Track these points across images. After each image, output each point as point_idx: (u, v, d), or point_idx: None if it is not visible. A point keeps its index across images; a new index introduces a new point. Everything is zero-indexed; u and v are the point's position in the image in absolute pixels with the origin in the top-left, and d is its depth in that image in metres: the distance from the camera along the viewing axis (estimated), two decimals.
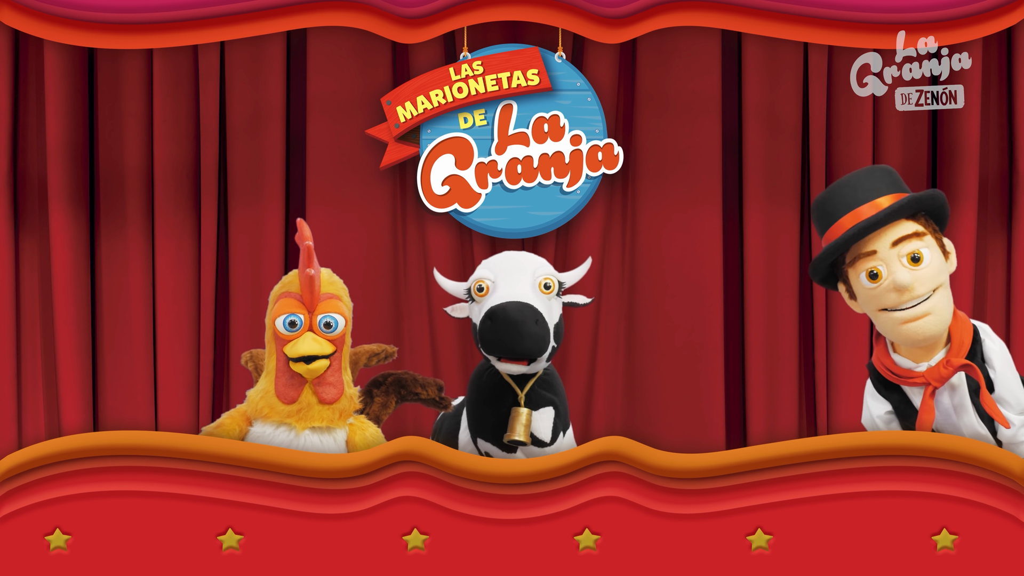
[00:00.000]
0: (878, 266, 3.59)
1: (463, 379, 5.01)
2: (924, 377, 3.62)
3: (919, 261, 3.57)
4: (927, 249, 3.58)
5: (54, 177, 4.96)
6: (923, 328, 3.58)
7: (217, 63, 5.03)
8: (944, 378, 3.60)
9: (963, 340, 3.62)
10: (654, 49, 5.01)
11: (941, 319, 3.59)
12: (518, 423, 3.86)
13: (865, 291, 3.62)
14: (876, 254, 3.58)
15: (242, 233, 5.07)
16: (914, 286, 3.56)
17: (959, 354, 3.60)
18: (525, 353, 3.79)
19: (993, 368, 3.61)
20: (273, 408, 3.68)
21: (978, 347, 3.62)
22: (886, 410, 3.76)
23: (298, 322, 3.66)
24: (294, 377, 3.67)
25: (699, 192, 5.06)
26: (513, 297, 3.78)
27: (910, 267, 3.56)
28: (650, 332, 5.09)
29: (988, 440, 3.62)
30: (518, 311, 3.75)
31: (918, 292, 3.57)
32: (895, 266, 3.57)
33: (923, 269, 3.57)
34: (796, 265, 5.09)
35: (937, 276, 3.59)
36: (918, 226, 3.59)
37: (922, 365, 3.64)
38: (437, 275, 4.05)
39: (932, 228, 3.61)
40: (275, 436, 3.66)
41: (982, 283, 5.05)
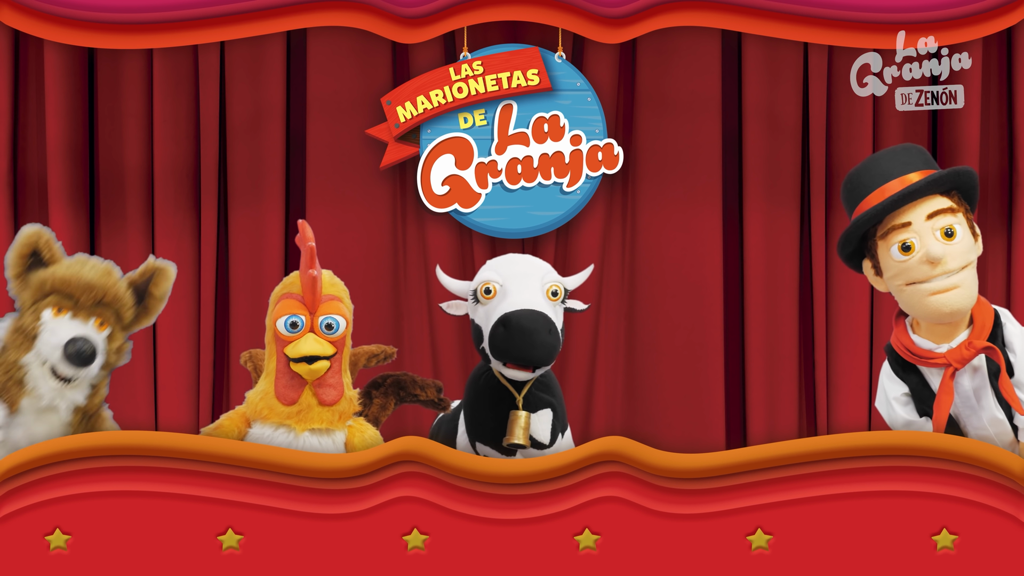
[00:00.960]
0: (912, 239, 3.60)
1: (463, 379, 5.00)
2: (945, 358, 3.63)
3: (952, 236, 3.58)
4: (960, 226, 3.60)
5: (54, 177, 4.96)
6: (951, 300, 3.59)
7: (217, 63, 5.03)
8: (965, 359, 3.61)
9: (985, 323, 3.62)
10: (654, 49, 5.01)
11: (969, 294, 3.60)
12: (517, 426, 3.85)
13: (895, 264, 3.63)
14: (910, 226, 3.59)
15: (242, 233, 5.07)
16: (946, 259, 3.57)
17: (981, 336, 3.61)
18: (537, 362, 3.78)
19: (1014, 352, 3.62)
20: (273, 409, 3.68)
21: (999, 331, 3.63)
22: (903, 392, 3.76)
23: (299, 323, 3.65)
24: (294, 378, 3.67)
25: (699, 192, 5.06)
26: (524, 304, 3.77)
27: (943, 241, 3.58)
28: (650, 332, 5.09)
29: (1005, 425, 3.63)
30: (532, 320, 3.74)
31: (949, 266, 3.58)
32: (929, 239, 3.58)
33: (955, 244, 3.58)
34: (796, 265, 5.10)
35: (968, 253, 3.60)
36: (952, 202, 3.60)
37: (943, 346, 3.65)
38: (440, 274, 4.05)
39: (964, 207, 3.62)
40: (274, 437, 3.66)
41: (982, 283, 4.97)
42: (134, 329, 3.85)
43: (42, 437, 3.68)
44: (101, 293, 3.72)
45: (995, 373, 3.60)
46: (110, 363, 3.78)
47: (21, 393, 3.71)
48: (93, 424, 3.80)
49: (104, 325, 3.73)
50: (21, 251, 3.76)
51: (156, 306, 3.86)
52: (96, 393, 3.80)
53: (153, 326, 5.04)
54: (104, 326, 3.73)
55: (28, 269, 3.76)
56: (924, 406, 3.70)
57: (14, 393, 3.70)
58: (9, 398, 3.70)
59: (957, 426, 3.70)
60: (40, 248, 3.75)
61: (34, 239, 3.75)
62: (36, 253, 3.75)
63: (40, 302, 3.71)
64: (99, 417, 3.82)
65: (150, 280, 3.83)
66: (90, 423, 3.79)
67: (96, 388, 3.79)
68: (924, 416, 3.72)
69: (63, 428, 3.74)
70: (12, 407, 3.70)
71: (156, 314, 3.88)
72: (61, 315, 3.70)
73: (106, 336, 3.73)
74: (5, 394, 3.71)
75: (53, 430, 3.72)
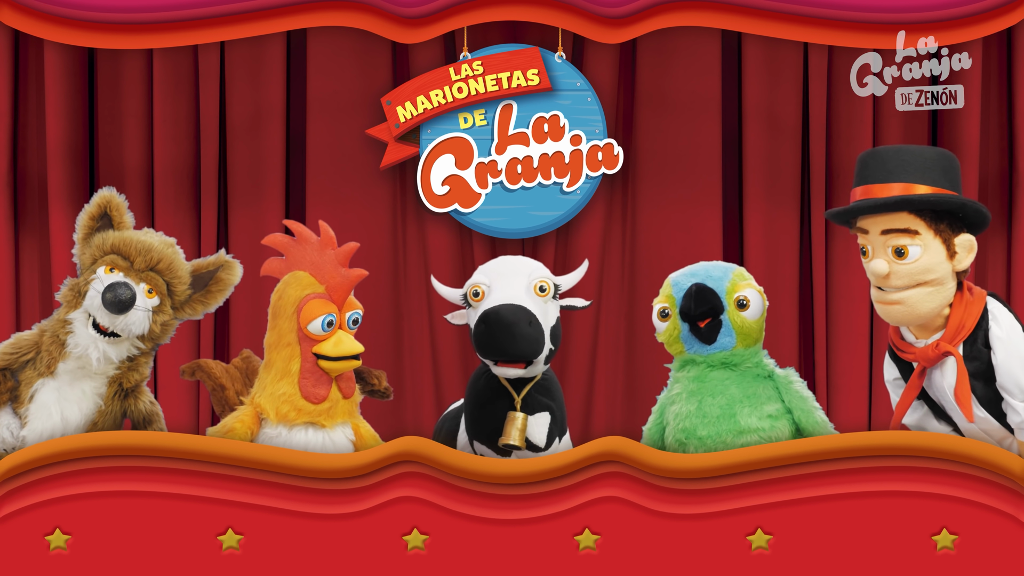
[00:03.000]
0: (867, 246, 3.64)
1: (463, 379, 5.02)
2: (914, 355, 3.66)
3: (903, 256, 3.59)
4: (917, 247, 3.58)
5: (54, 177, 4.96)
6: (891, 313, 3.65)
7: (217, 63, 5.03)
8: (931, 359, 3.64)
9: (964, 323, 3.62)
10: (654, 49, 5.02)
11: (912, 312, 3.61)
12: (512, 427, 3.84)
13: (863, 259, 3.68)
14: (868, 234, 3.62)
15: (242, 233, 5.06)
16: (890, 278, 3.60)
17: (952, 339, 3.62)
18: (519, 355, 3.78)
19: (995, 354, 3.61)
20: (301, 410, 3.69)
21: (980, 332, 3.62)
22: (894, 376, 3.82)
23: (333, 321, 3.68)
24: (321, 376, 3.69)
25: (699, 192, 5.06)
26: (507, 300, 3.78)
27: (893, 259, 3.59)
28: (650, 332, 5.07)
29: (990, 421, 3.63)
30: (511, 313, 3.74)
31: (893, 283, 3.60)
32: (880, 252, 3.61)
33: (904, 264, 3.59)
34: (796, 265, 5.10)
35: (920, 275, 3.59)
36: (916, 223, 3.59)
37: (921, 342, 3.67)
38: (435, 282, 4.04)
39: (938, 228, 3.60)
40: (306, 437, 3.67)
41: (982, 283, 5.03)
42: (186, 315, 3.86)
43: (73, 401, 3.71)
44: (157, 258, 3.75)
45: (976, 373, 3.61)
46: (154, 335, 3.79)
47: (61, 355, 3.73)
48: (129, 405, 3.81)
49: (153, 293, 3.75)
50: (92, 212, 3.84)
51: (214, 299, 3.88)
52: (136, 368, 3.81)
53: None
54: (153, 294, 3.75)
55: (95, 231, 3.79)
56: None
57: (55, 353, 3.74)
58: (49, 358, 3.73)
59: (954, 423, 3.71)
60: (111, 211, 3.78)
61: (105, 201, 3.80)
62: (106, 215, 3.79)
63: (97, 261, 3.74)
64: (137, 395, 3.83)
65: (216, 271, 3.85)
66: (126, 401, 3.80)
67: (136, 362, 3.80)
68: (917, 401, 3.75)
69: (94, 400, 3.76)
70: (50, 369, 3.73)
71: (212, 306, 3.91)
72: (114, 274, 3.72)
73: (154, 306, 3.74)
74: (47, 355, 3.73)
75: (86, 398, 3.75)
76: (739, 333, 3.73)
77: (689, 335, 3.76)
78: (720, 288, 3.75)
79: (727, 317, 3.72)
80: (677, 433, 3.72)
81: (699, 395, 3.72)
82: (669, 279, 3.84)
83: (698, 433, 3.68)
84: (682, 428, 3.71)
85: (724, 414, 3.69)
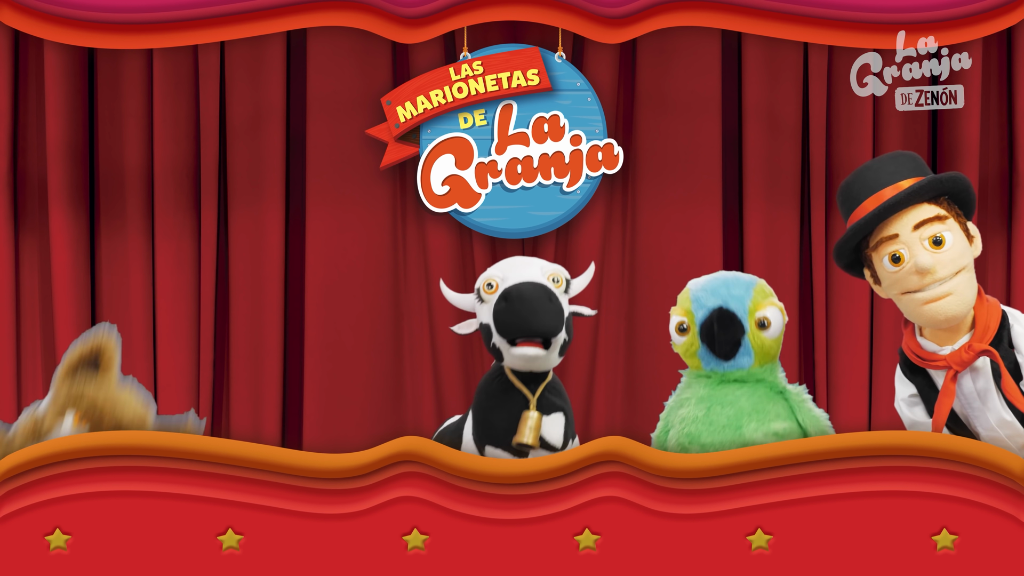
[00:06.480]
0: (900, 249, 3.59)
1: (463, 380, 5.03)
2: (946, 361, 3.63)
3: (941, 244, 3.57)
4: (949, 232, 3.58)
5: (54, 177, 4.96)
6: (944, 308, 3.58)
7: (217, 63, 5.03)
8: (965, 362, 3.61)
9: (989, 324, 3.62)
10: (654, 49, 5.02)
11: (963, 300, 3.59)
12: (526, 426, 3.84)
13: (888, 275, 3.63)
14: (898, 237, 3.59)
15: (242, 233, 5.07)
16: (936, 269, 3.56)
17: (982, 339, 3.60)
18: (542, 329, 3.76)
19: (1020, 353, 3.61)
20: None
21: (1005, 332, 3.62)
22: (910, 393, 3.77)
23: None
24: None
25: (699, 192, 5.06)
26: (524, 280, 3.80)
27: (932, 250, 3.57)
28: (650, 332, 5.09)
29: (1016, 426, 3.63)
30: (532, 289, 3.76)
31: (940, 275, 3.57)
32: (917, 249, 3.57)
33: (945, 252, 3.57)
34: (796, 265, 5.10)
35: (959, 259, 3.59)
36: (940, 209, 3.59)
37: (946, 349, 3.65)
38: (444, 289, 4.03)
39: (955, 212, 3.61)
40: None
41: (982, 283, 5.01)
42: None
43: None
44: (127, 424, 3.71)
45: (999, 375, 3.60)
46: None
47: None
48: None
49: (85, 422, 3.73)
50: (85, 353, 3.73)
51: None
52: None
53: (153, 326, 5.08)
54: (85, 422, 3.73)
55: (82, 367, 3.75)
56: (931, 407, 3.70)
57: None
58: None
59: (967, 429, 3.70)
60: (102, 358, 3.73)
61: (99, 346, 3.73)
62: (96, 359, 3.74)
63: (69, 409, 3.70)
64: None
65: None
66: None
67: None
68: (919, 403, 3.74)
69: None
70: None
71: None
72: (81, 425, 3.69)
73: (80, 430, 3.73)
74: None
75: None
76: (758, 353, 3.70)
77: (707, 353, 3.73)
78: (742, 308, 3.69)
79: (747, 338, 3.70)
80: (681, 436, 3.71)
81: (709, 402, 3.71)
82: (689, 291, 3.79)
83: (702, 439, 3.67)
84: (687, 432, 3.70)
85: (731, 424, 3.67)
